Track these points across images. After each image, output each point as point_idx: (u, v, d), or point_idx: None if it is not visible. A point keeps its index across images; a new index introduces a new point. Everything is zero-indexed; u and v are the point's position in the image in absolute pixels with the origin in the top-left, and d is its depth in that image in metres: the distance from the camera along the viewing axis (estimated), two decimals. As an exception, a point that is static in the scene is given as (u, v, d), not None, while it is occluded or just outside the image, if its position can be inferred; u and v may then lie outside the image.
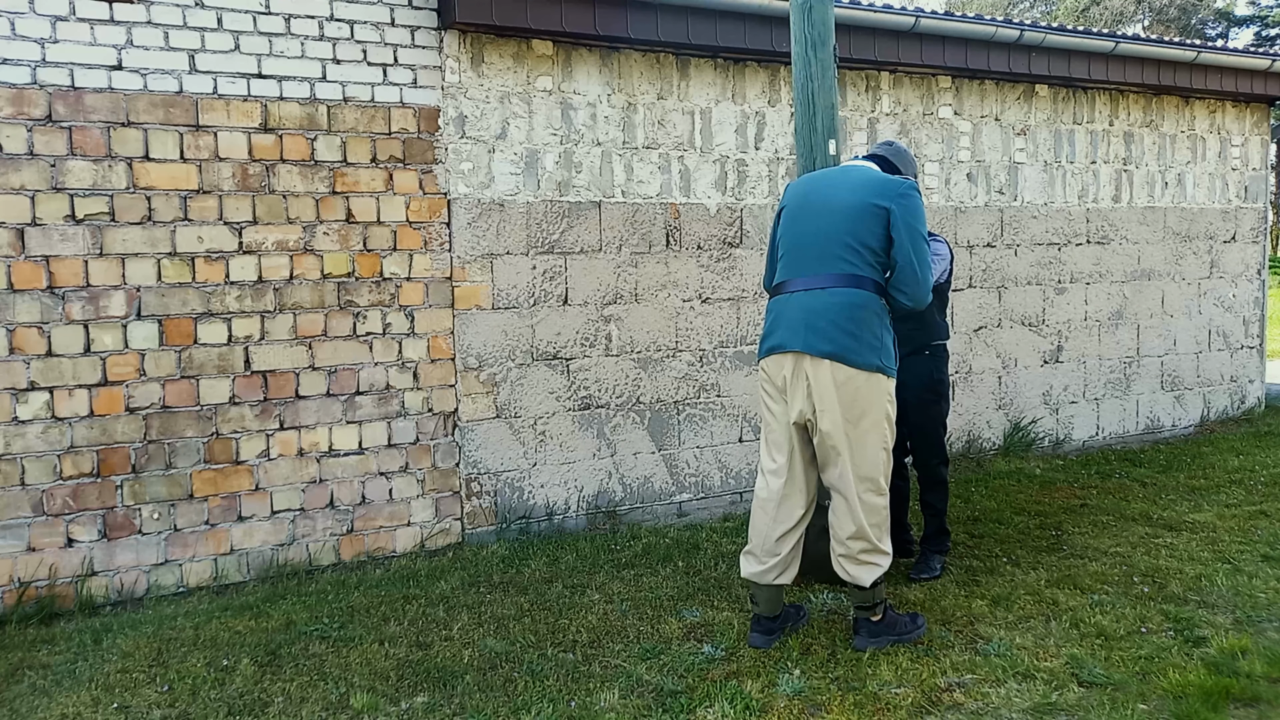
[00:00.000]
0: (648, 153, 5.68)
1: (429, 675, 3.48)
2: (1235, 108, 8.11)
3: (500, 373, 5.27)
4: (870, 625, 3.63)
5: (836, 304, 3.46)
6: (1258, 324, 8.45)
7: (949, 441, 6.61)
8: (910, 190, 3.54)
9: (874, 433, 3.50)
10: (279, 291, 4.72)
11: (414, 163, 5.00)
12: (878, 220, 3.47)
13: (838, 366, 3.42)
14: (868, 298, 3.46)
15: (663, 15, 5.41)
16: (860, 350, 3.43)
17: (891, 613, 3.68)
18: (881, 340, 3.48)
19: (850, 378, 3.42)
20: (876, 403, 3.48)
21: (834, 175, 3.75)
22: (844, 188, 3.59)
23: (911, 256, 3.45)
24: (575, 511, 5.50)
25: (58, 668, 3.62)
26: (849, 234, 3.48)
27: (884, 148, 4.04)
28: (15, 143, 4.20)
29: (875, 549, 3.56)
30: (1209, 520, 5.26)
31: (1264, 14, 34.84)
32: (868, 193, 3.52)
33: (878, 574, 3.57)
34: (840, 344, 3.42)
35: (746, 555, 3.71)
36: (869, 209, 3.48)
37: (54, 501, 4.30)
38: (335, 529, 4.87)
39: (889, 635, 3.63)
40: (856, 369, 3.42)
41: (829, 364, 3.42)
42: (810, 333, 3.46)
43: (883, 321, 3.50)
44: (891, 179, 3.60)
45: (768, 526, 3.63)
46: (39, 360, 4.27)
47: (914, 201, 3.51)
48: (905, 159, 4.00)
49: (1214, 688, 3.21)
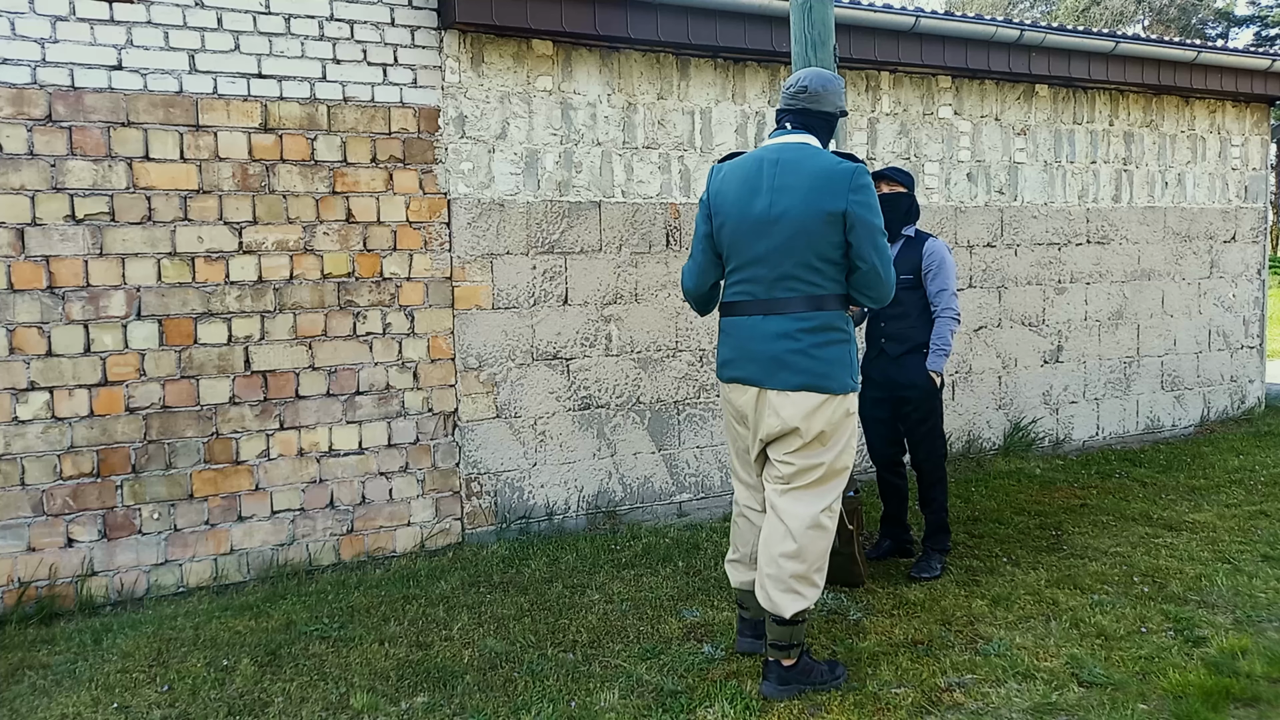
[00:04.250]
0: (648, 153, 5.68)
1: (429, 675, 3.48)
2: (1235, 108, 8.11)
3: (500, 373, 5.27)
4: (780, 670, 3.27)
5: (799, 330, 3.20)
6: (1258, 324, 8.45)
7: (949, 441, 6.63)
8: (862, 180, 3.17)
9: (844, 454, 3.30)
10: (279, 291, 4.72)
11: (414, 163, 5.00)
12: (836, 228, 3.16)
13: (809, 395, 3.19)
14: (832, 317, 3.23)
15: (663, 15, 5.41)
16: (832, 373, 3.21)
17: (807, 659, 3.32)
18: (849, 357, 3.28)
19: (823, 403, 3.20)
20: (847, 422, 3.28)
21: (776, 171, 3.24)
22: (793, 191, 3.19)
23: (874, 260, 3.18)
24: (575, 511, 5.50)
25: (58, 668, 3.62)
26: (806, 248, 3.18)
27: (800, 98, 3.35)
28: (15, 143, 4.20)
29: (807, 578, 3.25)
30: (1209, 520, 5.26)
31: (1264, 14, 34.84)
32: (819, 196, 3.15)
33: (802, 606, 3.23)
34: (809, 371, 3.19)
35: (732, 564, 3.55)
36: (823, 218, 3.15)
37: (54, 501, 4.30)
38: (335, 529, 4.87)
39: (801, 683, 3.28)
40: (830, 394, 3.21)
41: (801, 394, 3.20)
42: (773, 365, 3.22)
43: (848, 334, 3.29)
44: (840, 168, 3.17)
45: (752, 534, 3.47)
46: (39, 360, 4.27)
47: (867, 194, 3.18)
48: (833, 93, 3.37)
49: (1214, 688, 3.21)
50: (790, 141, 3.29)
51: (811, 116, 3.34)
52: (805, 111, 3.34)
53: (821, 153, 3.26)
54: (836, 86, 3.39)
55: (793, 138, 3.31)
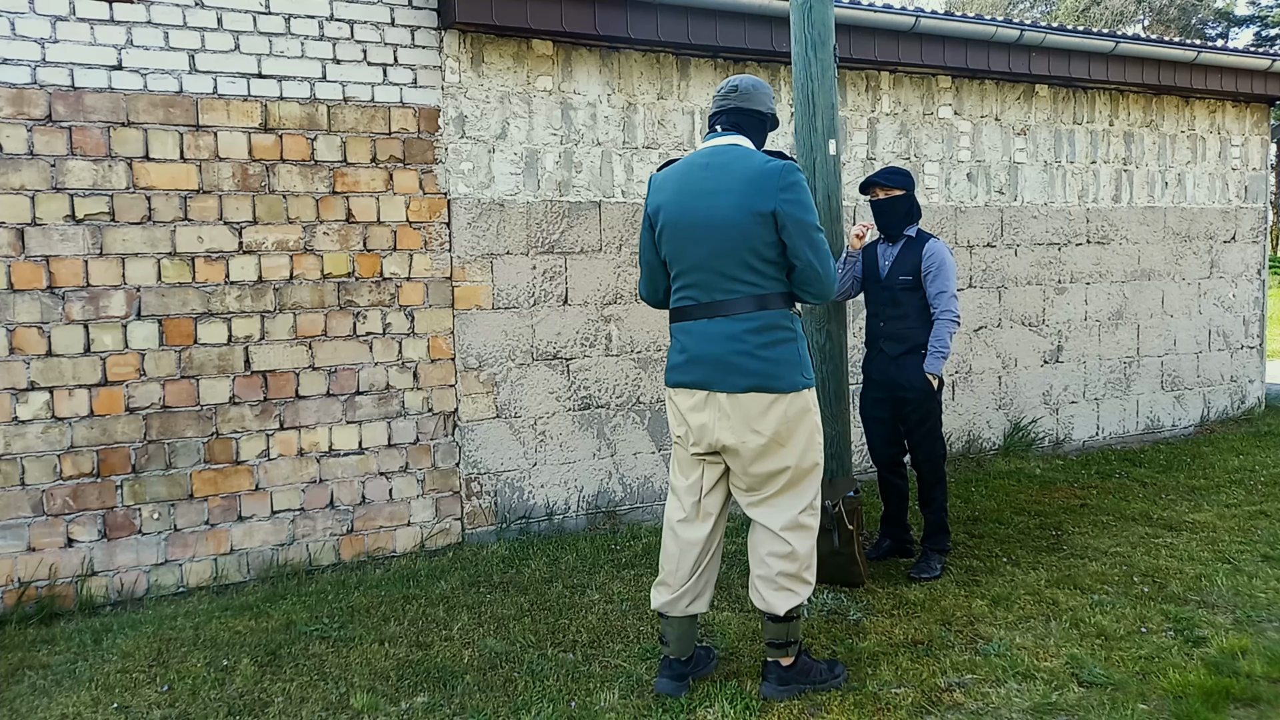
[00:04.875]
0: (648, 153, 5.68)
1: (429, 675, 3.48)
2: (1235, 108, 8.11)
3: (500, 373, 5.27)
4: (780, 670, 3.28)
5: (743, 331, 3.18)
6: (1258, 324, 8.45)
7: (949, 441, 6.63)
8: (791, 179, 3.14)
9: (809, 451, 3.24)
10: (279, 291, 4.72)
11: (414, 163, 5.00)
12: (766, 227, 3.14)
13: (759, 396, 3.16)
14: (775, 315, 3.20)
15: (663, 15, 5.41)
16: (780, 373, 3.17)
17: (806, 658, 3.34)
18: (799, 355, 3.23)
19: (773, 402, 3.16)
20: (805, 419, 3.22)
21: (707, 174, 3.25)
22: (724, 194, 3.18)
23: (809, 257, 3.16)
24: (575, 511, 5.50)
25: (58, 668, 3.62)
26: (740, 250, 3.16)
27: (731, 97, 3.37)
28: (15, 143, 4.20)
29: (798, 576, 3.24)
30: (1209, 520, 5.26)
31: (1264, 14, 34.84)
32: (749, 197, 3.14)
33: (795, 603, 3.24)
34: (756, 372, 3.16)
35: (657, 586, 3.39)
36: (753, 218, 3.13)
37: (54, 501, 4.30)
38: (335, 529, 4.87)
39: (800, 683, 3.29)
40: (779, 393, 3.17)
41: (750, 395, 3.17)
42: (721, 368, 3.19)
43: (794, 331, 3.24)
44: (768, 167, 3.16)
45: (679, 550, 3.33)
46: (39, 360, 4.27)
47: (797, 192, 3.15)
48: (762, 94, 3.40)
49: (1214, 688, 3.21)
50: (720, 144, 3.31)
51: (742, 115, 3.36)
52: (737, 110, 3.36)
53: (752, 153, 3.25)
54: (766, 89, 3.44)
55: (723, 140, 3.33)
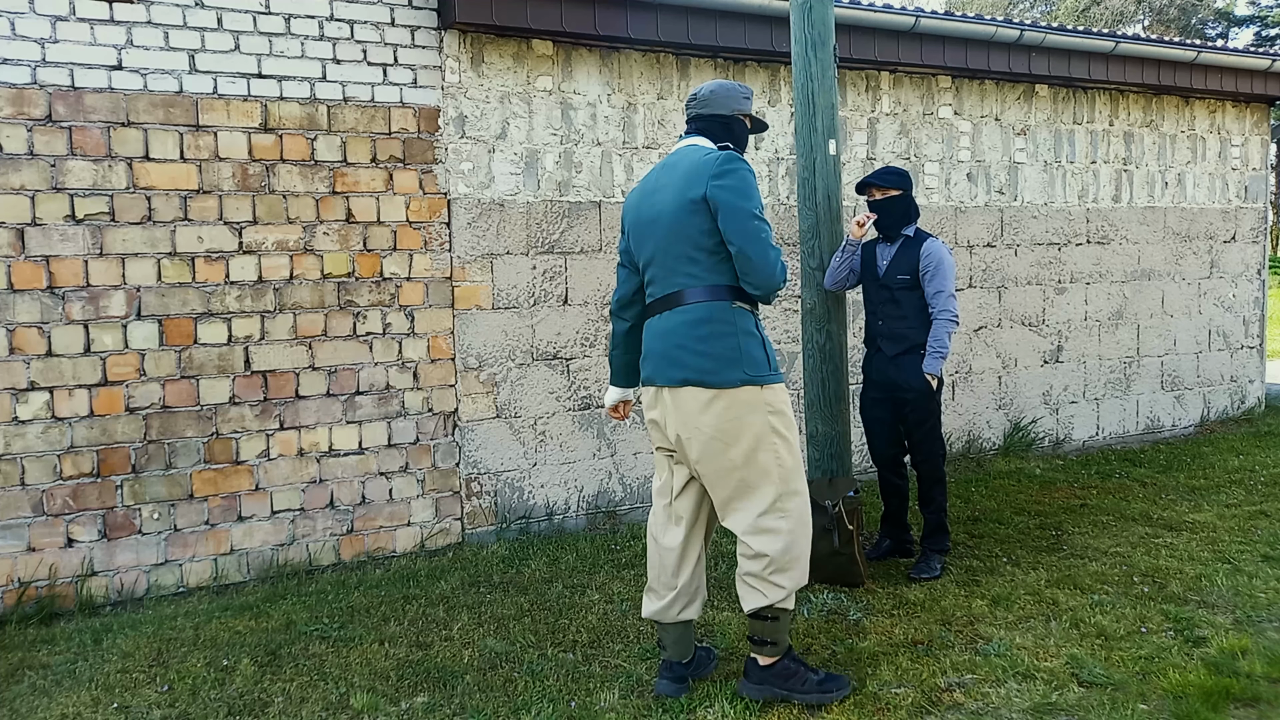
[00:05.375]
0: (648, 153, 5.68)
1: (429, 675, 3.48)
2: (1235, 108, 8.11)
3: (500, 373, 5.27)
4: (756, 669, 3.19)
5: (681, 324, 3.12)
6: (1258, 324, 8.45)
7: (949, 441, 6.63)
8: (725, 165, 3.09)
9: (760, 451, 3.09)
10: (279, 291, 4.72)
11: (414, 163, 5.01)
12: (700, 215, 3.09)
13: (696, 391, 3.08)
14: (713, 308, 3.11)
15: (663, 15, 5.41)
16: (716, 368, 3.06)
17: (791, 663, 3.19)
18: (741, 349, 3.09)
19: (712, 399, 3.06)
20: (751, 418, 3.08)
21: (662, 172, 3.29)
22: (667, 188, 3.19)
23: (741, 244, 3.05)
24: (575, 511, 5.50)
25: (58, 668, 3.62)
26: (680, 241, 3.13)
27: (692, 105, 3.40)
28: (15, 143, 4.20)
29: (762, 577, 3.12)
30: (1209, 520, 5.26)
31: (1264, 14, 34.84)
32: (684, 187, 3.12)
33: (761, 603, 3.13)
34: (693, 366, 3.08)
35: (647, 593, 3.35)
36: (687, 207, 3.10)
37: (54, 501, 4.30)
38: (335, 529, 4.87)
39: (776, 686, 3.17)
40: (717, 389, 3.06)
41: (687, 390, 3.10)
42: (663, 362, 3.15)
43: (739, 327, 3.11)
44: (705, 158, 3.14)
45: (660, 556, 3.30)
46: (39, 360, 4.27)
47: (732, 178, 3.08)
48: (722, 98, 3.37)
49: (1214, 688, 3.21)
50: (682, 145, 3.33)
51: (705, 121, 3.37)
52: (699, 117, 3.38)
53: (699, 149, 3.23)
54: (730, 91, 3.40)
55: (685, 141, 3.35)
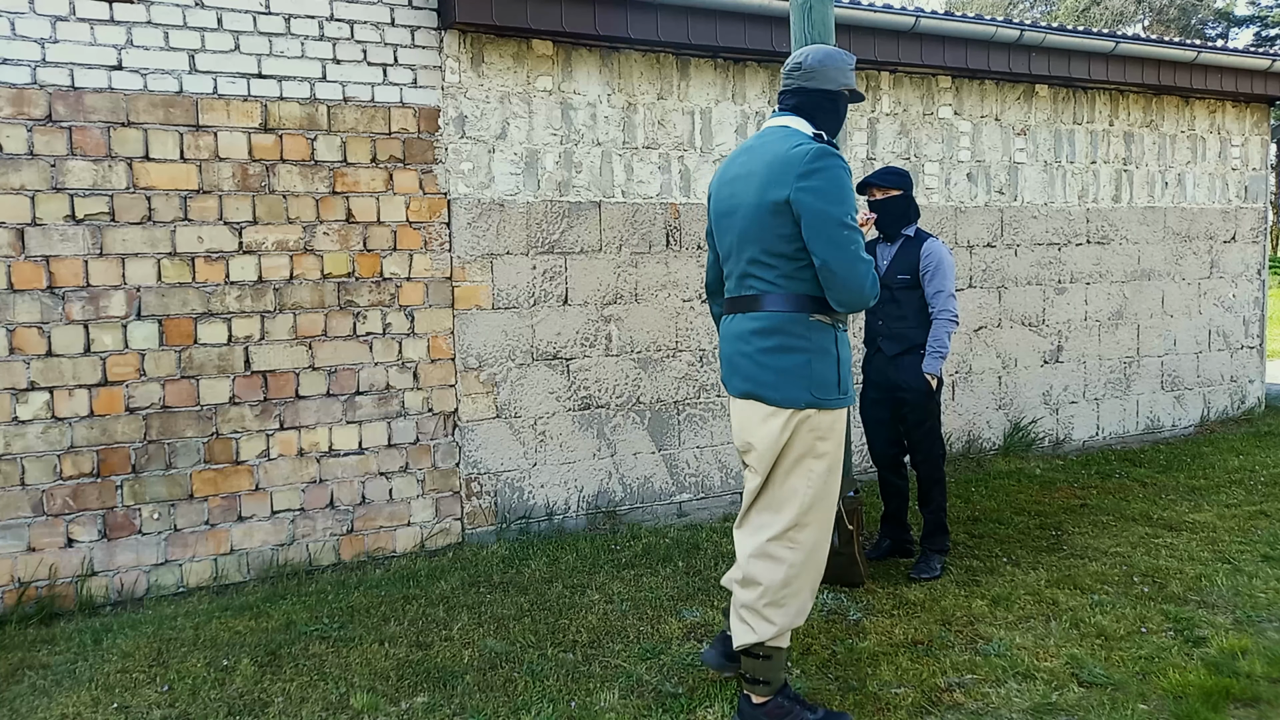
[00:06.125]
0: (648, 153, 5.68)
1: (429, 675, 3.48)
2: (1235, 108, 8.11)
3: (500, 373, 5.27)
4: (749, 706, 2.97)
5: (749, 332, 2.91)
6: (1258, 324, 8.45)
7: (949, 441, 6.63)
8: (814, 163, 2.76)
9: (794, 474, 2.88)
10: (279, 291, 4.72)
11: (414, 163, 5.01)
12: (782, 218, 2.80)
13: (754, 405, 2.90)
14: (786, 320, 2.85)
15: (663, 15, 5.41)
16: (779, 384, 2.84)
17: (784, 701, 2.96)
18: (811, 369, 2.84)
19: (770, 415, 2.86)
20: (799, 443, 2.86)
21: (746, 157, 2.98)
22: (748, 179, 2.91)
23: (826, 255, 2.75)
24: (575, 511, 5.50)
25: (58, 668, 3.62)
26: (756, 242, 2.87)
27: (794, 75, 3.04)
28: (15, 143, 4.20)
29: (753, 609, 2.90)
30: (1209, 520, 5.26)
31: (1264, 14, 34.84)
32: (767, 184, 2.83)
33: (750, 639, 2.91)
34: (755, 378, 2.89)
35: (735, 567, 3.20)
36: (767, 208, 2.82)
37: (54, 501, 4.30)
38: (335, 529, 4.87)
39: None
40: (775, 406, 2.85)
41: (747, 402, 2.93)
42: (729, 368, 3.00)
43: (813, 344, 2.86)
44: (793, 151, 2.81)
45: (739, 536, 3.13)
46: (39, 360, 4.27)
47: (820, 178, 2.76)
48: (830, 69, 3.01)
49: (1214, 688, 3.21)
50: (772, 125, 2.99)
51: (806, 95, 3.00)
52: (799, 90, 3.01)
53: (791, 136, 2.89)
54: (838, 61, 3.01)
55: (776, 120, 3.01)
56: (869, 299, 2.81)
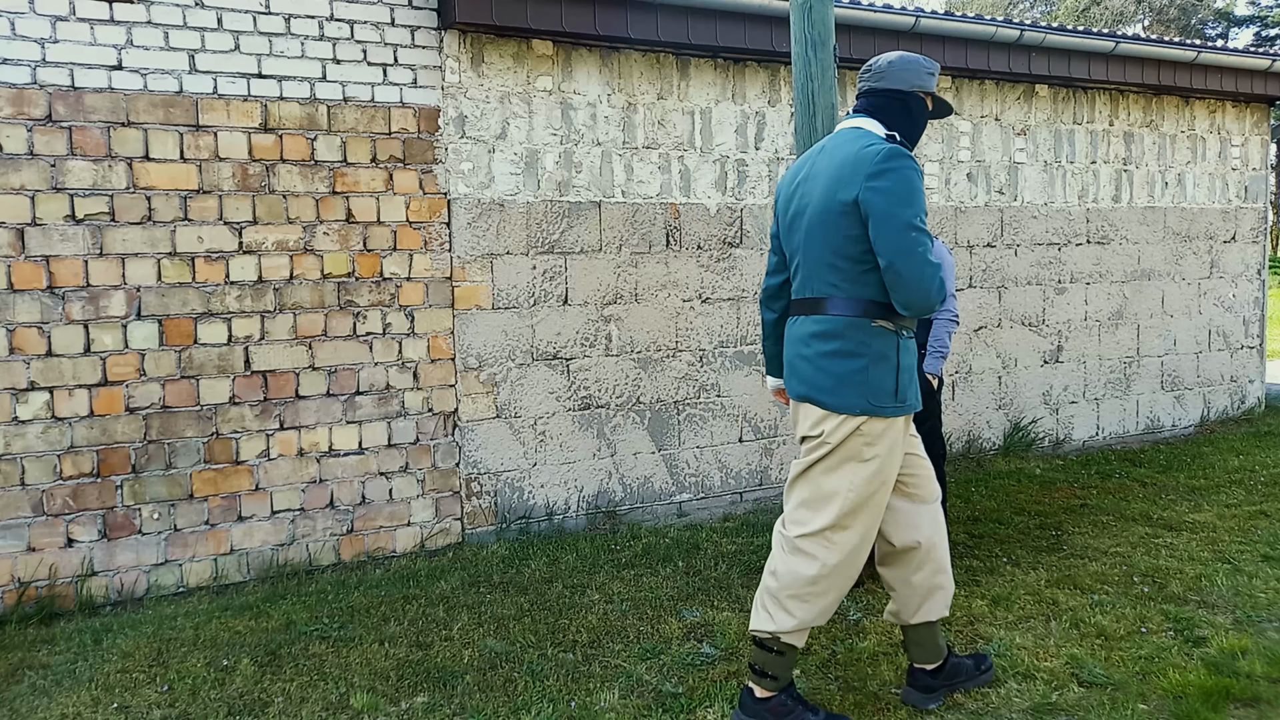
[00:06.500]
0: (648, 153, 5.68)
1: (429, 675, 3.48)
2: (1235, 108, 8.11)
3: (500, 373, 5.27)
4: (751, 699, 2.96)
5: (810, 335, 2.90)
6: (1258, 324, 8.45)
7: (949, 441, 6.63)
8: (884, 163, 2.75)
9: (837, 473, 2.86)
10: (279, 291, 4.72)
11: (414, 163, 5.01)
12: (849, 219, 2.79)
13: (810, 409, 2.90)
14: (848, 325, 2.83)
15: (663, 15, 5.41)
16: (835, 389, 2.83)
17: (787, 700, 2.94)
18: (869, 376, 2.82)
19: (822, 419, 2.86)
20: (847, 446, 2.84)
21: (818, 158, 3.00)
22: (817, 180, 2.91)
23: (892, 259, 2.72)
24: (575, 511, 5.50)
25: (58, 668, 3.62)
26: (824, 244, 2.86)
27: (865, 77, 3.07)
28: (15, 143, 4.20)
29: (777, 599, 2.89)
30: (1209, 520, 5.26)
31: (1264, 14, 34.84)
32: (835, 184, 2.82)
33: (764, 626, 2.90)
34: (812, 382, 2.88)
35: None
36: (836, 208, 2.81)
37: (54, 501, 4.30)
38: (335, 529, 4.87)
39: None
40: (829, 411, 2.84)
41: (806, 406, 2.93)
42: (789, 370, 3.00)
43: (873, 350, 2.83)
44: (864, 151, 2.80)
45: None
46: (39, 360, 4.27)
47: (890, 178, 2.74)
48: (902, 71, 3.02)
49: (1214, 688, 3.21)
50: (844, 126, 3.00)
51: (877, 97, 3.01)
52: (871, 92, 3.02)
53: (862, 136, 2.88)
54: (913, 64, 3.02)
55: (849, 122, 3.01)
56: (935, 303, 2.78)
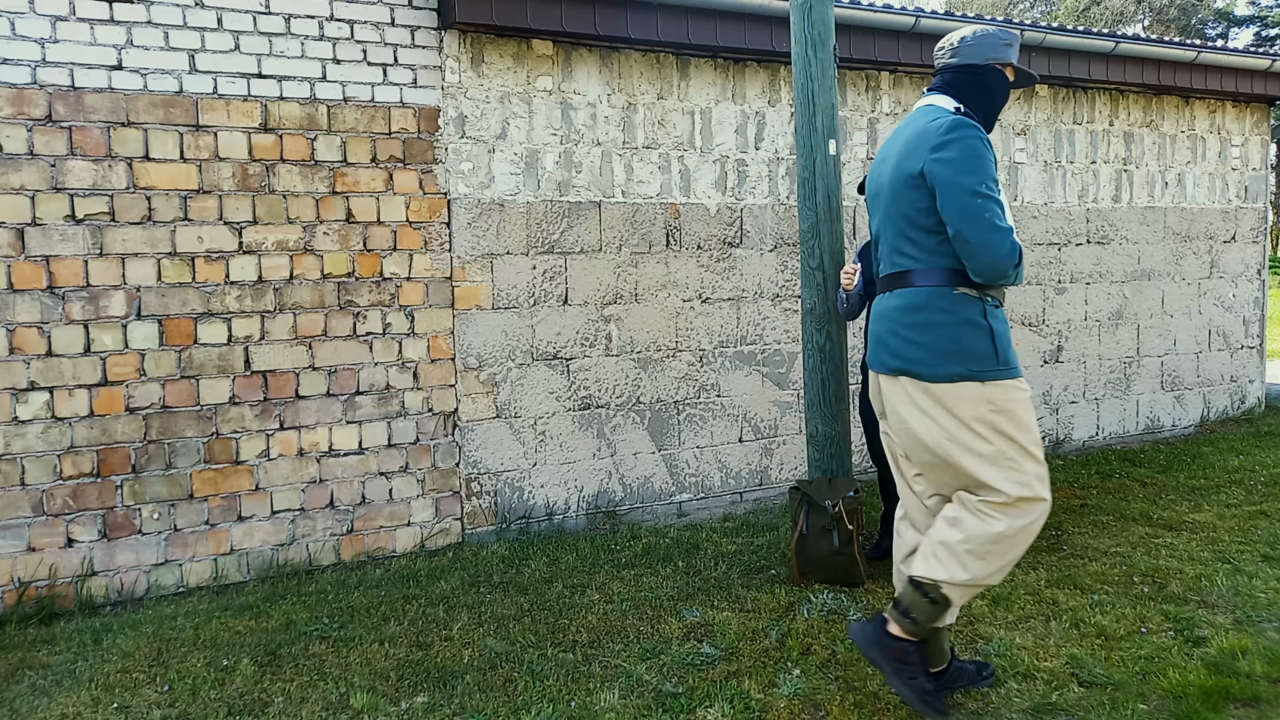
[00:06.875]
0: (648, 153, 5.68)
1: (429, 675, 3.48)
2: (1235, 108, 8.11)
3: (500, 373, 5.27)
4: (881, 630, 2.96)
5: (896, 309, 2.94)
6: (1258, 324, 8.45)
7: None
8: (948, 134, 2.79)
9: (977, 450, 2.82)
10: (279, 291, 4.72)
11: (414, 163, 5.01)
12: (918, 191, 2.84)
13: (909, 381, 2.90)
14: (930, 294, 2.87)
15: (663, 15, 5.41)
16: (929, 360, 2.84)
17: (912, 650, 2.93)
18: (960, 341, 2.82)
19: (924, 392, 2.87)
20: (968, 414, 2.81)
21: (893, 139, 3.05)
22: (889, 158, 2.98)
23: (960, 226, 2.75)
24: (575, 511, 5.50)
25: (58, 668, 3.62)
26: (899, 218, 2.91)
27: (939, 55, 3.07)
28: (15, 143, 4.20)
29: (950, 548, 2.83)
30: (1209, 520, 5.26)
31: (1264, 14, 34.84)
32: (904, 157, 2.89)
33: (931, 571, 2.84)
34: (904, 355, 2.90)
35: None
36: (904, 182, 2.87)
37: (54, 501, 4.30)
38: (335, 529, 4.87)
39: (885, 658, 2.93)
40: (930, 382, 2.85)
41: (902, 380, 2.93)
42: (878, 347, 3.01)
43: (958, 316, 2.84)
44: (930, 125, 2.85)
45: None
46: (39, 360, 4.27)
47: (953, 148, 2.77)
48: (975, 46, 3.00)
49: (1214, 688, 3.21)
50: (919, 105, 3.03)
51: (951, 73, 3.02)
52: (944, 69, 3.03)
53: (931, 111, 2.92)
54: (987, 38, 3.00)
55: (923, 101, 3.04)
56: (1008, 269, 2.78)
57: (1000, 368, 2.83)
